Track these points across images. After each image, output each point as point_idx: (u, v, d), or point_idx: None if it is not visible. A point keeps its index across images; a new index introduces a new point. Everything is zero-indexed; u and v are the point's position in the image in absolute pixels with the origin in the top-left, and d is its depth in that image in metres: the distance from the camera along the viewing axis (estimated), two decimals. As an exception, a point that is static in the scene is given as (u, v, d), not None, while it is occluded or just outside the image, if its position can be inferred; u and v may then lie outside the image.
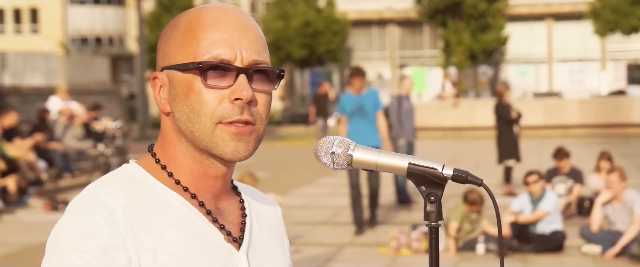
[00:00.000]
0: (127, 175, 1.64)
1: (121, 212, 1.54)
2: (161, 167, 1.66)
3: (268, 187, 16.99)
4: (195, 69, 1.60)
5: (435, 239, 1.68)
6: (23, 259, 10.36)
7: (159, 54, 1.67)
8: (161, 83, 1.65)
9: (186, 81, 1.61)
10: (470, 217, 10.39)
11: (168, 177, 1.65)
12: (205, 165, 1.66)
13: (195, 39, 1.61)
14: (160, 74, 1.65)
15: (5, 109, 16.62)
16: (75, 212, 1.55)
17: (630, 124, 29.58)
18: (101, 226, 1.52)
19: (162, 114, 1.67)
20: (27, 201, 14.56)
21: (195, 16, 1.64)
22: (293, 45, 47.57)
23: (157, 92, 1.66)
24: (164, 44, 1.66)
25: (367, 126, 11.46)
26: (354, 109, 11.44)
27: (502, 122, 15.17)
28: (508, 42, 49.19)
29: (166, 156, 1.67)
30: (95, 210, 1.54)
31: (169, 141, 1.67)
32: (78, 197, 1.59)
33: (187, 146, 1.65)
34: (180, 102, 1.62)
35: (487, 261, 9.97)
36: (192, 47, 1.61)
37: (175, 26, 1.66)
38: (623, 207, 10.13)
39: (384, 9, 57.37)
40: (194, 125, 1.61)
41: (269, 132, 38.01)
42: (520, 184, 13.04)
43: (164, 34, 1.67)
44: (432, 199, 1.67)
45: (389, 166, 1.68)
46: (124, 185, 1.60)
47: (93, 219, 1.53)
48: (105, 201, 1.55)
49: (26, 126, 17.86)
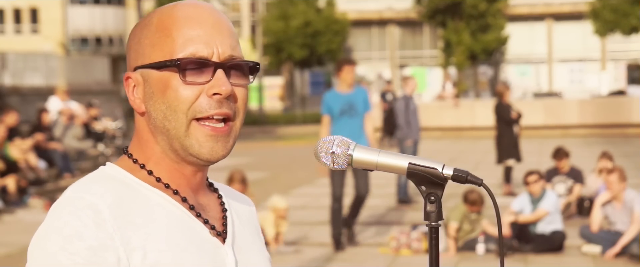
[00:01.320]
0: (107, 175, 1.64)
1: (108, 212, 1.54)
2: (140, 166, 1.65)
3: (268, 187, 16.98)
4: (174, 66, 1.60)
5: (435, 239, 1.68)
6: (23, 259, 10.34)
7: (131, 54, 1.66)
8: (135, 82, 1.65)
9: (163, 79, 1.61)
10: (470, 218, 10.39)
11: (148, 176, 1.64)
12: (182, 165, 1.66)
13: (169, 37, 1.62)
14: (134, 74, 1.65)
15: (5, 109, 16.62)
16: (61, 214, 1.53)
17: (630, 124, 29.58)
18: (89, 227, 1.51)
19: (136, 114, 1.67)
20: (27, 201, 14.55)
21: (167, 14, 1.64)
22: (293, 45, 47.57)
23: (131, 92, 1.65)
24: (136, 44, 1.65)
25: (357, 129, 10.23)
26: (344, 108, 10.18)
27: (502, 122, 15.17)
28: (508, 42, 49.23)
29: (143, 155, 1.66)
30: (82, 210, 1.53)
31: (145, 140, 1.66)
32: (61, 198, 1.57)
33: (164, 145, 1.64)
34: (156, 100, 1.62)
35: (487, 261, 9.97)
36: (167, 46, 1.61)
37: (146, 25, 1.65)
38: (623, 207, 10.13)
39: (384, 9, 57.38)
40: (171, 122, 1.61)
41: (269, 132, 38.04)
42: (520, 184, 13.04)
43: (135, 34, 1.67)
44: (432, 199, 1.67)
45: (389, 166, 1.68)
46: (107, 185, 1.60)
47: (80, 219, 1.52)
48: (92, 201, 1.54)
49: (26, 126, 17.86)
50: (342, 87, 10.31)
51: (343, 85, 10.26)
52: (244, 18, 62.01)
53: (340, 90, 10.31)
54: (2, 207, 13.83)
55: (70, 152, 17.96)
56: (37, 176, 15.73)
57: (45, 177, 16.11)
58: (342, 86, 10.28)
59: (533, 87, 54.20)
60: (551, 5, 56.22)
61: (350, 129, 10.10)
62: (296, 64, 50.19)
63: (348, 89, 10.24)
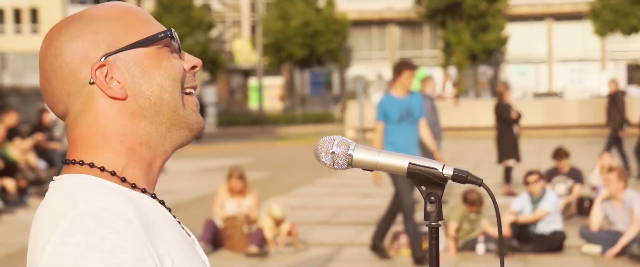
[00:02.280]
0: (97, 184, 1.52)
1: (137, 220, 1.46)
2: (110, 173, 1.54)
3: (268, 187, 16.99)
4: (164, 39, 1.59)
5: (435, 239, 1.68)
6: (23, 259, 10.36)
7: (85, 47, 1.55)
8: (109, 69, 1.55)
9: (152, 54, 1.58)
10: (470, 217, 10.39)
11: (123, 183, 1.55)
12: (155, 157, 1.60)
13: (135, 20, 1.60)
14: (108, 60, 1.55)
15: (6, 109, 16.62)
16: (91, 228, 1.42)
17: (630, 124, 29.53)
18: (127, 238, 1.43)
19: (88, 116, 1.56)
20: (27, 201, 14.56)
21: (110, 7, 1.61)
22: (293, 45, 47.58)
23: (106, 81, 1.55)
24: (94, 34, 1.56)
25: (415, 135, 9.70)
26: (402, 114, 9.58)
27: (502, 122, 15.17)
28: (508, 42, 49.24)
29: (106, 161, 1.56)
30: (114, 222, 1.43)
31: (110, 136, 1.56)
32: (78, 216, 1.44)
33: (147, 130, 1.58)
34: (150, 75, 1.57)
35: (487, 261, 9.97)
36: (140, 26, 1.59)
37: (88, 21, 1.57)
38: (623, 207, 10.13)
39: (384, 9, 57.39)
40: (171, 93, 1.58)
41: (269, 132, 38.05)
42: (520, 184, 13.04)
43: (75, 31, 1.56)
44: (432, 199, 1.67)
45: (390, 166, 1.68)
46: (110, 193, 1.50)
47: (116, 231, 1.42)
48: (119, 211, 1.46)
49: (26, 126, 17.86)
50: (399, 92, 9.67)
51: (401, 90, 9.63)
52: (244, 18, 62.00)
53: (398, 95, 9.68)
54: (2, 207, 13.83)
55: (70, 152, 17.96)
56: (37, 176, 15.73)
57: (45, 177, 16.11)
58: (400, 91, 9.64)
59: (533, 87, 54.21)
60: (551, 5, 56.22)
61: (409, 135, 9.61)
62: (296, 64, 50.20)
63: (405, 94, 9.68)
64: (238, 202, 10.76)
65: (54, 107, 1.61)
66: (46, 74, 1.58)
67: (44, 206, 1.53)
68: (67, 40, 1.57)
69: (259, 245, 10.33)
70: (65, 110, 1.59)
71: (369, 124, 31.60)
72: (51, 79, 1.58)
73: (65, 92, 1.57)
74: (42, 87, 1.61)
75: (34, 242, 1.50)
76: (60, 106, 1.59)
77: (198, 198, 15.55)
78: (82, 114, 1.58)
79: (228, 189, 10.81)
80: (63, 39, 1.57)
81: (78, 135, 1.59)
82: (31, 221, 1.55)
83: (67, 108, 1.59)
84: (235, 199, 10.76)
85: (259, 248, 10.29)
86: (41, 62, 1.59)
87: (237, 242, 10.47)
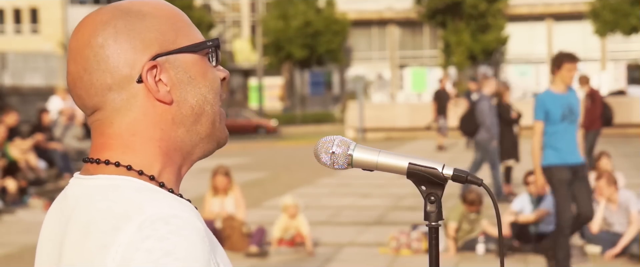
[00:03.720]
0: (150, 190, 1.48)
1: (203, 228, 1.43)
2: (149, 177, 1.50)
3: (268, 187, 17.00)
4: (209, 48, 1.56)
5: (435, 239, 1.68)
6: (23, 259, 10.36)
7: (137, 44, 1.50)
8: (161, 70, 1.51)
9: (198, 61, 1.55)
10: (469, 218, 10.39)
11: (161, 188, 1.51)
12: (185, 162, 1.57)
13: (183, 23, 1.56)
14: (159, 61, 1.51)
15: (6, 109, 16.63)
16: (165, 236, 1.38)
17: (630, 124, 29.58)
18: (197, 246, 1.40)
19: (135, 111, 1.51)
20: (27, 201, 14.56)
21: (150, 3, 1.56)
22: (293, 45, 47.60)
23: (155, 82, 1.51)
24: (146, 32, 1.51)
25: (575, 136, 8.71)
26: (565, 112, 8.64)
27: (502, 122, 15.17)
28: (508, 42, 49.25)
29: (142, 163, 1.51)
30: (186, 229, 1.40)
31: (149, 139, 1.52)
32: (148, 220, 1.39)
33: (183, 137, 1.54)
34: (197, 84, 1.54)
35: (487, 261, 9.97)
36: (186, 30, 1.56)
37: (136, 16, 1.52)
38: (619, 208, 10.15)
39: (384, 9, 57.39)
40: (212, 106, 1.56)
41: (269, 132, 38.04)
42: (520, 184, 13.03)
43: (123, 25, 1.51)
44: (432, 199, 1.67)
45: (389, 166, 1.68)
46: (171, 199, 1.46)
47: (188, 239, 1.39)
48: (189, 219, 1.42)
49: (26, 126, 17.87)
50: (559, 87, 8.71)
51: (561, 85, 8.69)
52: (244, 18, 62.02)
53: (558, 90, 8.72)
54: (2, 207, 13.83)
55: (70, 152, 17.96)
56: (37, 176, 15.73)
57: (45, 177, 16.11)
58: (560, 86, 8.70)
59: (533, 87, 54.20)
60: (551, 5, 56.23)
61: (571, 137, 8.67)
62: (296, 64, 50.22)
63: (565, 90, 8.72)
64: (220, 201, 10.68)
65: (85, 98, 1.53)
66: (86, 63, 1.51)
67: (92, 205, 1.46)
68: (118, 32, 1.50)
69: (259, 245, 10.32)
70: (100, 103, 1.52)
71: (369, 124, 31.61)
72: (92, 69, 1.50)
73: (106, 86, 1.50)
74: (76, 76, 1.52)
75: (80, 243, 1.44)
76: (95, 99, 1.52)
77: (198, 198, 15.53)
78: (121, 112, 1.51)
79: (212, 187, 10.75)
80: (112, 30, 1.50)
81: (114, 133, 1.52)
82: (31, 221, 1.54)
83: (104, 102, 1.51)
84: (218, 198, 10.70)
85: (259, 248, 10.29)
86: (81, 50, 1.51)
87: (236, 243, 10.46)
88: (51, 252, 1.52)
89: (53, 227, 1.54)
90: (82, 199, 1.48)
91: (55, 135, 17.79)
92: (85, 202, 1.47)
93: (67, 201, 1.52)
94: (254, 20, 57.90)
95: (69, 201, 1.52)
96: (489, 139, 13.85)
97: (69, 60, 1.55)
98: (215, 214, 10.57)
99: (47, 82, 28.19)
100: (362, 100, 32.91)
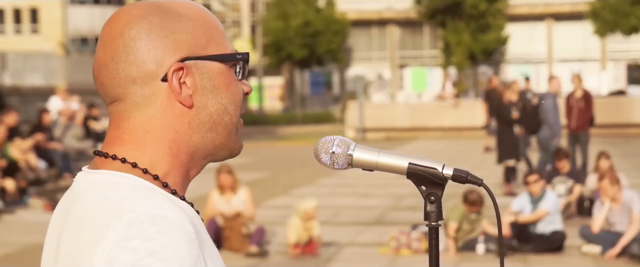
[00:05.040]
0: (146, 188, 1.49)
1: (193, 231, 1.43)
2: (153, 177, 1.51)
3: (268, 187, 17.01)
4: (237, 61, 1.57)
5: (435, 239, 1.68)
6: (23, 259, 10.36)
7: (168, 43, 1.52)
8: (187, 73, 1.52)
9: (225, 72, 1.56)
10: (470, 218, 10.40)
11: (164, 188, 1.52)
12: (195, 167, 1.58)
13: (216, 31, 1.57)
14: (186, 64, 1.52)
15: (6, 109, 16.63)
16: (151, 236, 1.39)
17: (630, 124, 29.58)
18: (184, 247, 1.40)
19: (153, 109, 1.52)
20: (27, 201, 14.56)
21: (188, 6, 1.57)
22: (293, 45, 47.58)
23: (179, 84, 1.52)
24: (180, 33, 1.53)
25: None
26: None
27: (502, 122, 15.18)
28: (508, 42, 49.23)
29: (149, 162, 1.52)
30: (173, 230, 1.40)
31: (161, 139, 1.52)
32: (136, 220, 1.40)
33: (197, 143, 1.55)
34: (219, 93, 1.55)
35: (487, 261, 9.97)
36: (219, 38, 1.57)
37: (174, 16, 1.54)
38: (621, 208, 10.14)
39: (384, 9, 57.38)
40: (231, 117, 1.56)
41: (269, 132, 38.05)
42: (520, 184, 13.04)
43: (165, 27, 1.52)
44: (432, 199, 1.67)
45: (389, 166, 1.68)
46: (164, 199, 1.47)
47: (175, 240, 1.40)
48: (178, 220, 1.42)
49: (26, 126, 17.87)
50: None
51: None
52: (244, 18, 62.01)
53: None
54: (2, 207, 13.83)
55: (70, 152, 17.97)
56: (37, 176, 15.73)
57: (45, 177, 16.12)
58: None
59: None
60: (551, 5, 56.22)
61: None
62: (296, 64, 50.20)
63: None
64: (227, 199, 10.62)
65: (108, 87, 1.54)
66: (115, 52, 1.52)
67: (89, 201, 1.48)
68: (152, 28, 1.52)
69: (259, 245, 10.32)
70: (121, 95, 1.53)
71: (369, 124, 31.61)
72: (120, 59, 1.52)
73: (131, 78, 1.51)
74: (102, 63, 1.54)
75: (74, 237, 1.46)
76: (117, 89, 1.53)
77: (197, 198, 15.54)
78: (140, 107, 1.52)
79: (217, 186, 10.70)
80: (147, 25, 1.52)
81: (129, 127, 1.53)
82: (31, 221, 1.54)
83: (125, 94, 1.52)
84: (225, 197, 10.63)
85: (259, 248, 10.28)
86: (113, 39, 1.53)
87: (236, 243, 10.45)
88: (52, 244, 1.54)
89: (57, 218, 1.56)
90: (83, 194, 1.50)
91: (55, 135, 17.79)
92: (85, 197, 1.49)
93: (72, 194, 1.54)
94: (254, 20, 57.89)
95: (73, 194, 1.54)
96: (550, 136, 14.03)
97: (98, 47, 1.56)
98: (221, 212, 10.54)
99: (47, 82, 28.19)
100: (362, 100, 32.91)
